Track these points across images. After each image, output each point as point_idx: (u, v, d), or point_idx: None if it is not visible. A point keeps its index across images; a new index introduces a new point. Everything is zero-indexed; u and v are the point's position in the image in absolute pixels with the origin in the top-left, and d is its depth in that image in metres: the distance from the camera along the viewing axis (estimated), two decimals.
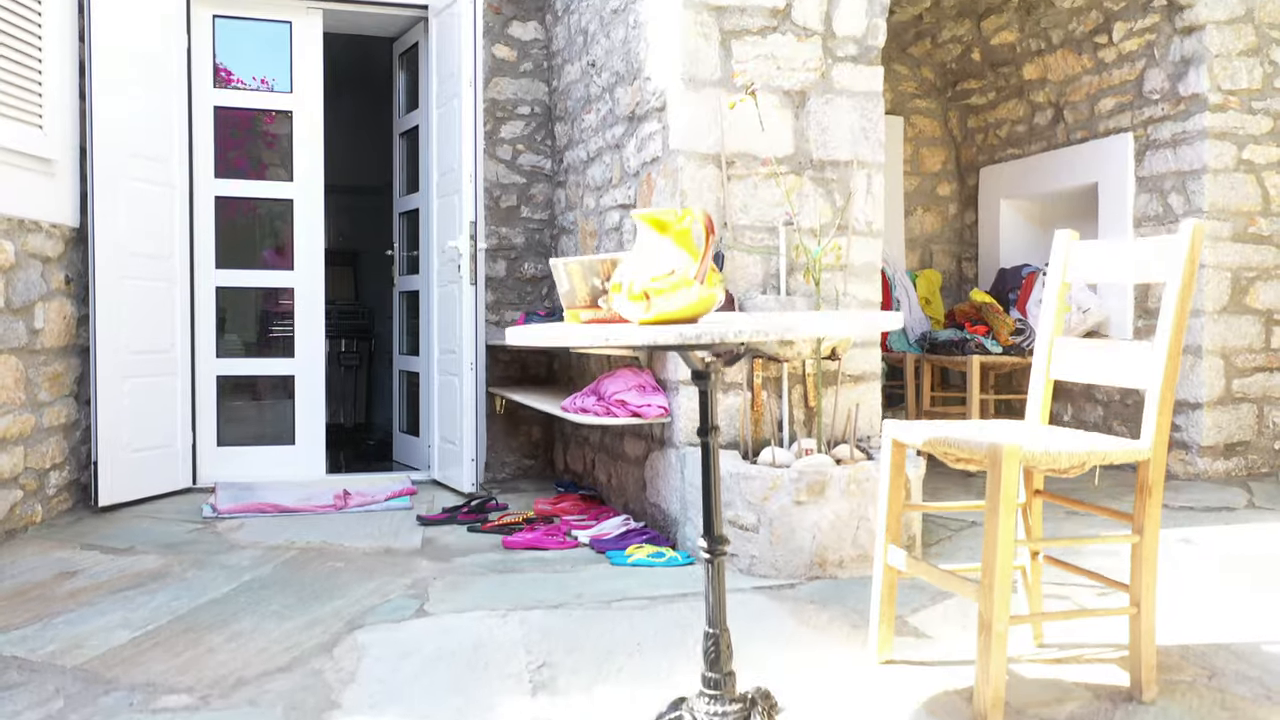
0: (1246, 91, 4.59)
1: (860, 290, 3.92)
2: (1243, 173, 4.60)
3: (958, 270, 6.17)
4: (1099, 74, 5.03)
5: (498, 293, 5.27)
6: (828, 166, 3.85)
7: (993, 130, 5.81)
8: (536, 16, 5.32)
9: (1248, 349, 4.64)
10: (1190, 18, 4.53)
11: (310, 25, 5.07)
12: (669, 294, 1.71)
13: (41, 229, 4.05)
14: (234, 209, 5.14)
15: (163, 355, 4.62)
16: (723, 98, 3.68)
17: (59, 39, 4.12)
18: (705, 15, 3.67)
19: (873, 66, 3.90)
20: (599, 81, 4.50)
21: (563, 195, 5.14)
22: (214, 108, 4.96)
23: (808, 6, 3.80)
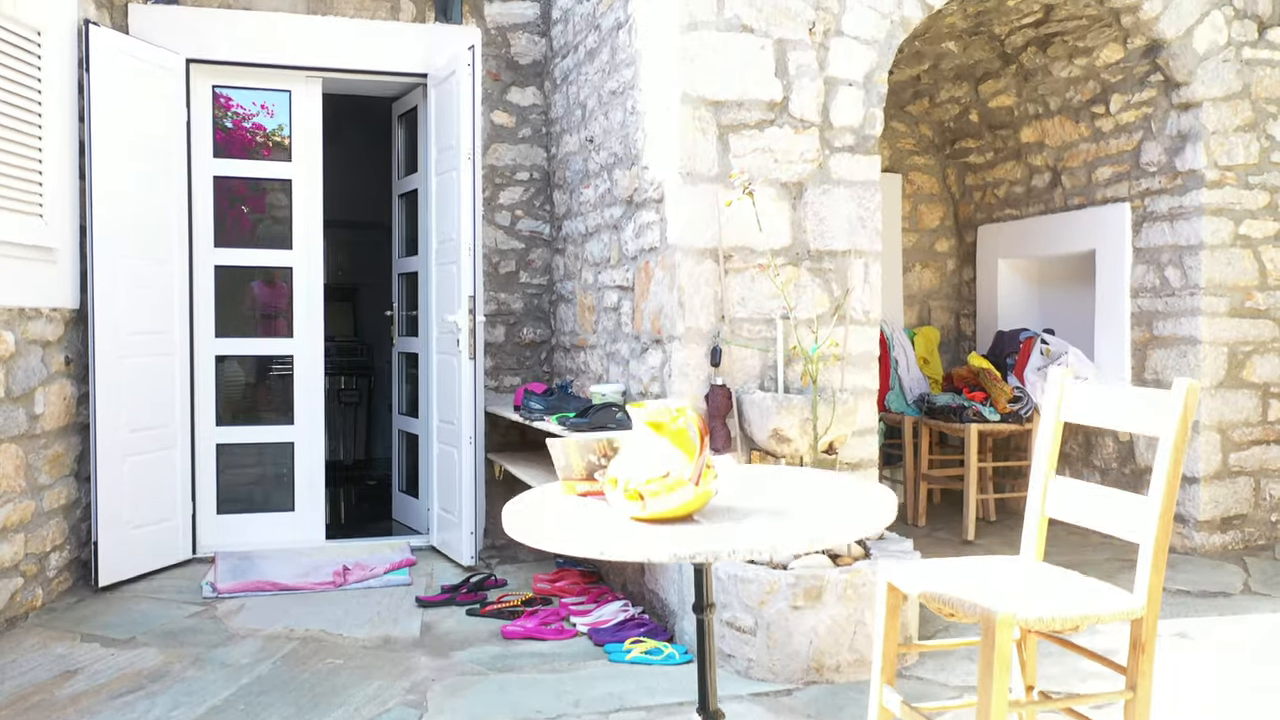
0: (1243, 167, 4.61)
1: (858, 379, 3.94)
2: (1239, 248, 4.61)
3: (956, 326, 6.18)
4: (1096, 142, 5.05)
5: (496, 358, 5.29)
6: (825, 257, 3.86)
7: (991, 189, 5.82)
8: (535, 83, 5.34)
9: (1244, 423, 4.65)
10: (1187, 95, 4.54)
11: (309, 94, 5.08)
12: (664, 495, 1.72)
13: (42, 315, 4.07)
14: (234, 275, 5.15)
15: (162, 430, 4.64)
16: (720, 193, 3.69)
17: (59, 125, 4.13)
18: (703, 110, 3.68)
19: (870, 156, 3.92)
20: (597, 159, 4.52)
21: (561, 263, 5.15)
22: (213, 177, 4.97)
23: (805, 99, 3.81)
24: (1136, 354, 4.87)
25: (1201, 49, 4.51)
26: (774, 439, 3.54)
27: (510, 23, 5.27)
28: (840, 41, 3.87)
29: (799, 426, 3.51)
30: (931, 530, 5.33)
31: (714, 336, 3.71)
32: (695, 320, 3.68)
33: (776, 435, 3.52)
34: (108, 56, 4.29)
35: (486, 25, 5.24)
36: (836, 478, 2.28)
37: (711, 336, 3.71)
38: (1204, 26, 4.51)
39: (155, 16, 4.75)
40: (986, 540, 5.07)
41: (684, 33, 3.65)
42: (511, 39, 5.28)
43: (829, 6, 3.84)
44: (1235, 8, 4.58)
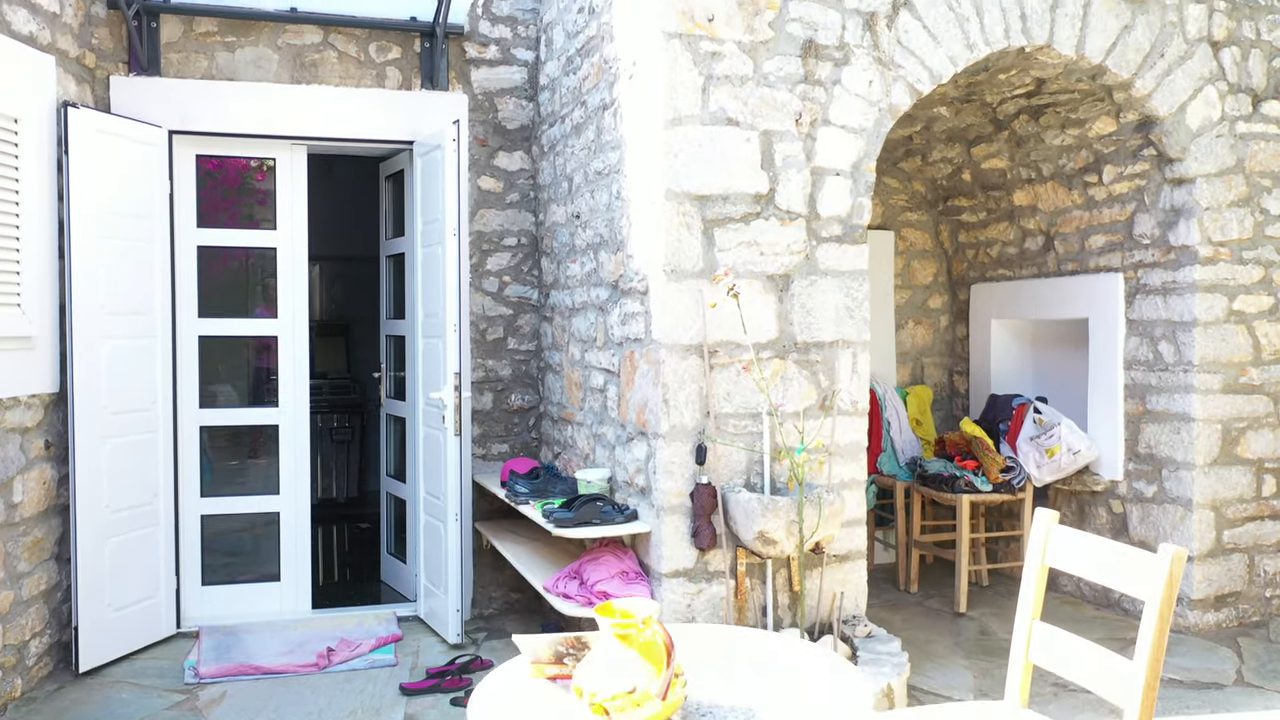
0: (1237, 241, 4.56)
1: (846, 470, 3.89)
2: (1233, 323, 4.56)
3: (949, 383, 6.13)
4: (1089, 210, 4.99)
5: (484, 425, 5.24)
6: (812, 348, 3.82)
7: (984, 249, 5.77)
8: (523, 147, 5.29)
9: (1238, 499, 4.60)
10: (1180, 170, 4.49)
11: (295, 162, 5.03)
12: (629, 711, 1.67)
13: (20, 403, 4.02)
14: (220, 343, 5.11)
15: (146, 507, 4.59)
16: (705, 289, 3.65)
17: (38, 210, 4.08)
18: (688, 206, 3.63)
19: (857, 245, 3.87)
20: (584, 235, 4.46)
21: (549, 331, 5.10)
22: (197, 247, 4.93)
23: (792, 190, 3.77)
24: (1130, 426, 4.82)
25: (1195, 125, 4.46)
26: (760, 541, 3.49)
27: (497, 88, 5.22)
28: (828, 131, 3.82)
29: (785, 529, 3.47)
30: (924, 598, 5.28)
31: (699, 433, 3.66)
32: (680, 417, 3.63)
33: (762, 538, 3.48)
34: (87, 137, 4.24)
35: (473, 91, 5.19)
36: (814, 657, 2.23)
37: (697, 433, 3.66)
38: (1197, 102, 4.46)
39: (137, 88, 4.70)
40: (979, 610, 5.02)
41: (668, 128, 3.60)
42: (499, 104, 5.23)
43: (816, 97, 3.79)
44: (1229, 82, 4.53)
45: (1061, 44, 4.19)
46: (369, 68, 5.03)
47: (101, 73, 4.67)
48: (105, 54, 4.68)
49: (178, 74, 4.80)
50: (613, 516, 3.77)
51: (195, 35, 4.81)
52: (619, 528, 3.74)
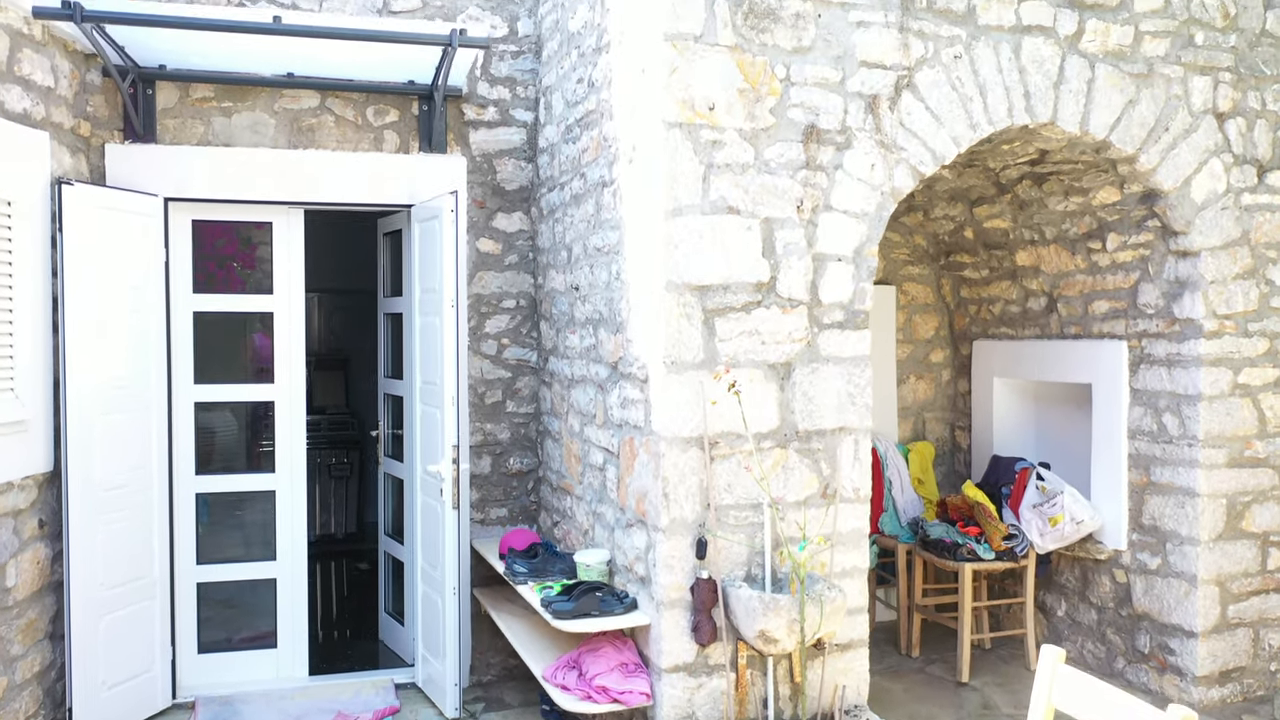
0: (1243, 314, 4.51)
1: (848, 558, 3.85)
2: (1239, 397, 4.52)
3: (951, 438, 6.09)
4: (1093, 275, 4.95)
5: (482, 490, 5.20)
6: (814, 436, 3.78)
7: (986, 306, 5.73)
8: (522, 208, 5.24)
9: (1243, 574, 4.56)
10: (1185, 243, 4.45)
11: (292, 225, 4.99)
12: None
13: (14, 486, 3.98)
14: (214, 409, 5.07)
15: (141, 580, 4.54)
16: (706, 380, 3.61)
17: (31, 291, 4.04)
18: (688, 296, 3.59)
19: (860, 331, 3.83)
20: (583, 309, 4.42)
21: (548, 396, 5.06)
22: (193, 313, 4.88)
23: (793, 277, 3.73)
24: (1134, 496, 4.78)
25: (1200, 198, 4.41)
26: (761, 639, 3.45)
27: (496, 149, 5.18)
28: (829, 217, 3.78)
29: (786, 627, 3.42)
30: (925, 663, 5.24)
31: (699, 526, 3.62)
32: (681, 511, 3.59)
33: (764, 636, 3.43)
34: (82, 213, 4.19)
35: (472, 152, 5.15)
36: None
37: (697, 526, 3.62)
38: (1202, 175, 4.42)
39: (133, 155, 4.65)
40: (982, 679, 4.98)
41: (669, 218, 3.56)
42: (498, 165, 5.19)
43: (818, 182, 3.75)
44: (1234, 154, 4.49)
45: (1065, 121, 4.15)
46: (366, 131, 4.99)
47: (97, 140, 4.62)
48: (100, 121, 4.63)
49: (174, 140, 4.75)
50: (612, 607, 3.73)
51: (191, 101, 4.77)
52: (618, 619, 3.70)
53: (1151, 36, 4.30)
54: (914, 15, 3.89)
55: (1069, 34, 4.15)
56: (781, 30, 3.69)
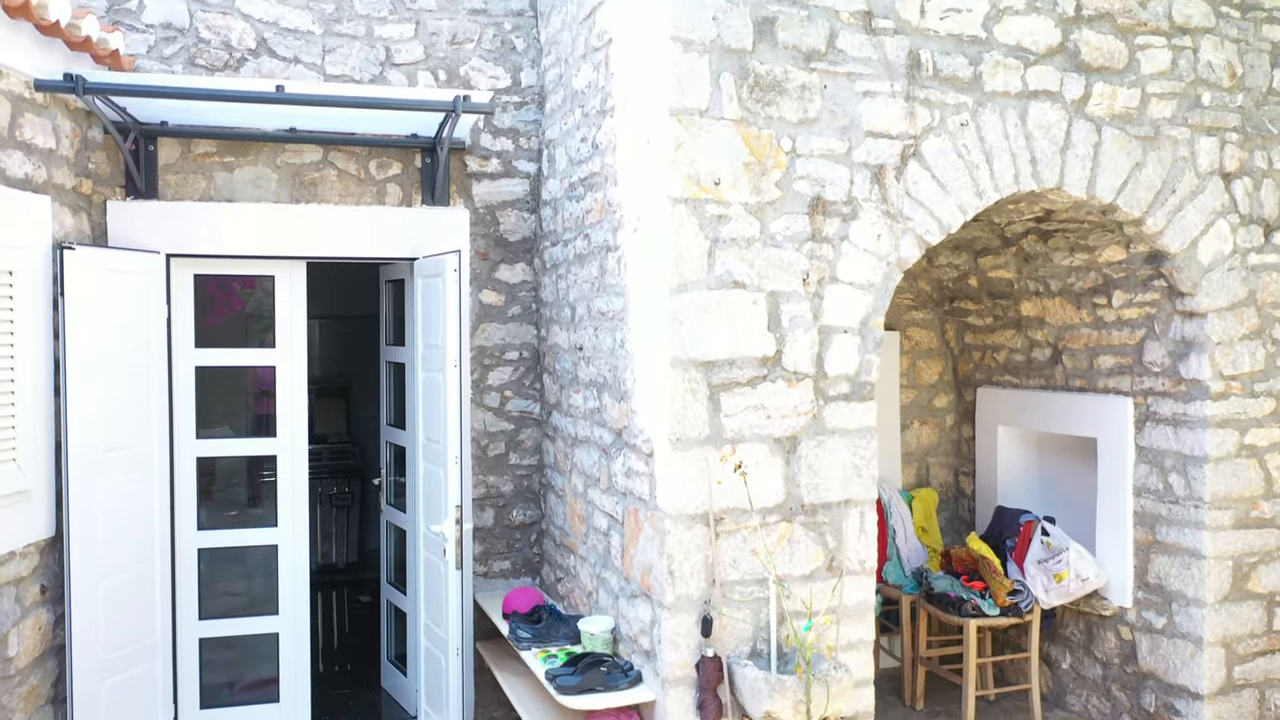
0: (1249, 374, 4.49)
1: (854, 631, 3.84)
2: (1245, 457, 4.50)
3: (955, 484, 6.07)
4: (1098, 330, 4.93)
5: (485, 543, 5.18)
6: (819, 510, 3.76)
7: (990, 353, 5.71)
8: (524, 259, 5.23)
9: (1249, 634, 4.54)
10: (1191, 304, 4.43)
11: (294, 279, 4.97)
12: None
13: (15, 555, 3.96)
14: (216, 462, 5.05)
15: (143, 642, 4.52)
16: (711, 457, 3.59)
17: (33, 359, 4.02)
18: (694, 372, 3.57)
19: (865, 402, 3.82)
20: (586, 371, 4.41)
21: (551, 450, 5.04)
22: (195, 367, 4.86)
23: (799, 351, 3.71)
24: (1139, 554, 4.76)
25: (1206, 260, 4.40)
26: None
27: (499, 200, 5.16)
28: (835, 289, 3.76)
29: (792, 708, 3.41)
30: (930, 715, 5.23)
31: (705, 603, 3.60)
32: (686, 588, 3.57)
33: (769, 717, 3.42)
34: (83, 277, 4.17)
35: (475, 204, 5.13)
36: None
37: (702, 602, 3.60)
38: (1209, 237, 4.40)
39: (135, 212, 4.63)
40: None
41: (674, 294, 3.54)
42: (500, 216, 5.17)
43: (823, 254, 3.73)
44: (1241, 214, 4.47)
45: (1072, 186, 4.13)
46: (369, 184, 4.97)
47: (98, 197, 4.60)
48: (102, 178, 4.61)
49: (176, 195, 4.73)
50: (617, 681, 3.71)
51: (193, 156, 4.75)
52: (623, 695, 3.68)
53: (1158, 98, 4.28)
54: (920, 84, 3.87)
55: (1076, 98, 4.13)
56: (787, 102, 3.67)
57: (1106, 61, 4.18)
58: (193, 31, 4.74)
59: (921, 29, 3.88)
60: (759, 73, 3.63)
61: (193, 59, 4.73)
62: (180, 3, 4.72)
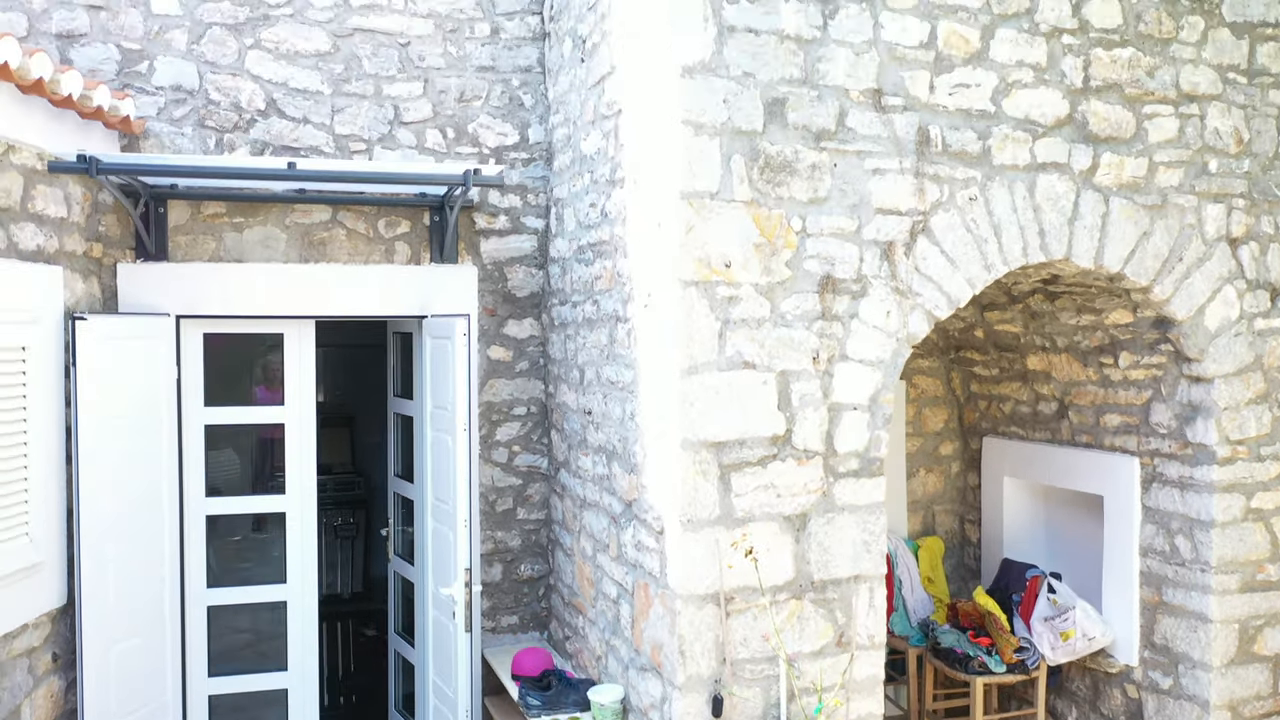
0: (1255, 439, 4.51)
1: (864, 705, 3.85)
2: (1251, 521, 4.52)
3: (960, 531, 6.08)
4: (1104, 388, 4.95)
5: (493, 598, 5.20)
6: (829, 586, 3.78)
7: (996, 403, 5.72)
8: (533, 314, 5.24)
9: (1255, 697, 4.56)
10: (1198, 370, 4.45)
11: (303, 336, 4.99)
12: None
13: (28, 627, 3.97)
14: (224, 523, 5.07)
15: (154, 703, 4.54)
16: (722, 536, 3.61)
17: (45, 431, 4.03)
18: (704, 453, 3.59)
19: (875, 479, 3.83)
20: (595, 436, 4.42)
21: (559, 506, 5.05)
22: (204, 426, 4.88)
23: (809, 429, 3.72)
24: (1145, 613, 4.78)
25: (1213, 326, 4.41)
26: None
27: (507, 257, 5.18)
28: (845, 366, 3.77)
29: None
30: None
31: (715, 682, 3.62)
32: (696, 667, 3.59)
33: None
34: (94, 345, 4.19)
35: (483, 261, 5.14)
36: None
37: (713, 681, 3.62)
38: (1216, 303, 4.41)
39: (144, 274, 4.65)
40: None
41: (685, 376, 3.56)
42: (508, 272, 5.18)
43: (833, 332, 3.75)
44: (1247, 279, 4.48)
45: (1080, 256, 4.15)
46: (378, 243, 4.99)
47: (109, 260, 4.62)
48: (112, 241, 4.63)
49: (185, 256, 4.75)
50: None
51: (203, 217, 4.76)
52: None
53: (1166, 167, 4.30)
54: (929, 160, 3.89)
55: (1084, 169, 4.15)
56: (797, 182, 3.69)
57: (1114, 132, 4.19)
58: (202, 93, 4.75)
59: (930, 105, 3.89)
60: (769, 153, 3.64)
61: (202, 120, 4.75)
62: (190, 64, 4.74)
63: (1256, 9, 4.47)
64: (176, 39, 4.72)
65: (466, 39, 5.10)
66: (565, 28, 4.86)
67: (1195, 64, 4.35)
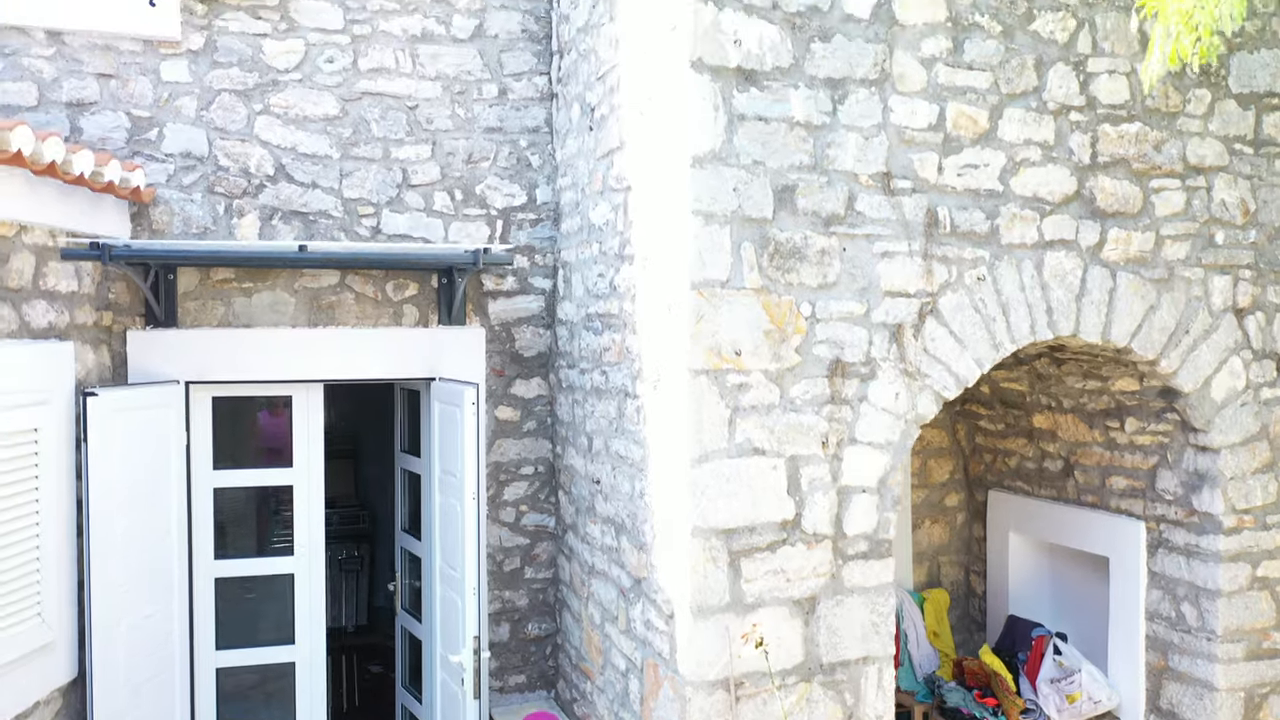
0: (1261, 507, 4.53)
1: None
2: (1257, 590, 4.54)
3: (966, 582, 6.10)
4: (1110, 450, 4.96)
5: (501, 657, 5.21)
6: (838, 668, 3.79)
7: (1001, 457, 5.74)
8: (540, 373, 5.26)
9: None
10: (1204, 440, 4.46)
11: (311, 399, 5.00)
12: None
13: (39, 704, 3.99)
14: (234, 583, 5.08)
15: None
16: (732, 622, 3.62)
17: (57, 509, 4.06)
18: (714, 540, 3.61)
19: (884, 560, 3.85)
20: (604, 507, 4.44)
21: (567, 568, 5.07)
22: (213, 489, 4.90)
23: (818, 513, 3.74)
24: (1151, 677, 4.79)
25: (1220, 397, 4.43)
26: None
27: (515, 317, 5.19)
28: (854, 449, 3.79)
29: None
30: None
31: None
32: None
33: None
34: (105, 418, 4.20)
35: (491, 322, 5.16)
36: None
37: None
38: (1222, 374, 4.43)
39: (154, 341, 4.66)
40: None
41: (695, 465, 3.57)
42: (516, 333, 5.20)
43: (842, 416, 3.77)
44: (1253, 349, 4.50)
45: (1087, 332, 4.17)
46: (386, 306, 5.00)
47: (119, 327, 4.63)
48: (122, 308, 4.64)
49: (194, 322, 4.76)
50: None
51: (212, 283, 4.78)
52: None
53: (1172, 240, 4.31)
54: (938, 241, 3.90)
55: (1091, 244, 4.16)
56: (807, 268, 3.70)
57: (1121, 207, 4.21)
58: (212, 159, 4.77)
59: (939, 185, 3.91)
60: (779, 240, 3.66)
61: (212, 186, 4.77)
62: (199, 131, 4.75)
63: (1263, 79, 4.49)
64: (186, 106, 4.74)
65: (474, 100, 5.12)
66: (573, 92, 4.87)
67: (1202, 136, 4.37)
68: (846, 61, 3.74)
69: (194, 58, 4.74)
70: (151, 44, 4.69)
